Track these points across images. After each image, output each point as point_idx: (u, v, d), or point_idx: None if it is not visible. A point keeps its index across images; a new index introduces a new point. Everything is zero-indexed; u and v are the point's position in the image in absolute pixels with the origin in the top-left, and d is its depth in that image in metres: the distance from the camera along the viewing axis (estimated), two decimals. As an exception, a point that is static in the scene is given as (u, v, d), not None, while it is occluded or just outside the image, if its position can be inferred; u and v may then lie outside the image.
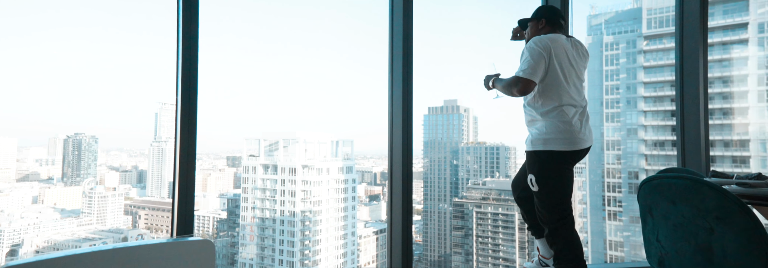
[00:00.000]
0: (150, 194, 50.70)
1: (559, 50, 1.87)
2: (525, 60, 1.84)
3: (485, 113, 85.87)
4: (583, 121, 1.91)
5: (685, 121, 2.87)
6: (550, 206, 1.91)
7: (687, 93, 2.86)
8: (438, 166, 43.77)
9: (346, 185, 31.01)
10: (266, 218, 29.70)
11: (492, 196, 34.76)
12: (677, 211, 1.35)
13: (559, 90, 1.88)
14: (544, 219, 1.93)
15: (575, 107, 1.90)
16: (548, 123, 1.88)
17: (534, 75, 1.81)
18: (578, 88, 1.95)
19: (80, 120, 72.36)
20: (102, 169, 50.78)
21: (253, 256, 29.67)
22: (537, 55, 1.82)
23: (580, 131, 1.88)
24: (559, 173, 1.89)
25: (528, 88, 1.82)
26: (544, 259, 2.19)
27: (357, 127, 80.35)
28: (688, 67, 2.86)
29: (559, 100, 1.88)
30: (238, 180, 40.01)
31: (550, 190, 1.89)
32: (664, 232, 1.43)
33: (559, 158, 1.87)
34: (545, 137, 1.87)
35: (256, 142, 31.01)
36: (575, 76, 1.93)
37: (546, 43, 1.85)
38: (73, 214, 41.52)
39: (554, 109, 1.88)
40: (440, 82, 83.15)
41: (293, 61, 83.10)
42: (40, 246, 35.64)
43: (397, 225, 2.30)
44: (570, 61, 1.91)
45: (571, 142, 1.86)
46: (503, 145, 42.37)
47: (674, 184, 1.35)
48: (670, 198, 1.37)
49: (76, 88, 75.26)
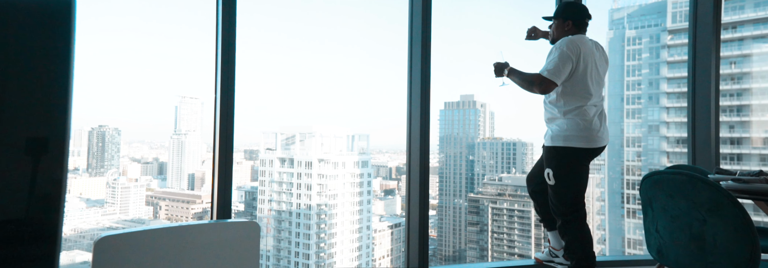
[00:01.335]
0: (170, 186, 51.83)
1: (588, 54, 1.95)
2: (552, 60, 1.91)
3: (502, 109, 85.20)
4: (601, 121, 2.00)
5: (696, 120, 2.92)
6: (564, 200, 1.99)
7: (699, 91, 2.90)
8: (454, 161, 43.75)
9: (362, 179, 31.26)
10: (283, 211, 30.16)
11: (508, 192, 34.65)
12: (674, 204, 1.47)
13: (583, 91, 1.96)
14: (557, 211, 2.03)
15: (596, 107, 1.99)
16: (569, 121, 1.96)
17: (558, 77, 1.89)
18: (599, 89, 2.04)
19: (104, 113, 74.05)
20: (124, 160, 52.06)
21: (270, 247, 30.20)
22: (566, 57, 1.89)
23: (599, 130, 1.97)
24: (576, 169, 1.98)
25: (549, 89, 1.90)
26: (555, 250, 2.29)
27: (373, 121, 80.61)
28: (701, 64, 2.90)
29: (581, 100, 1.96)
30: (255, 173, 40.63)
31: (566, 184, 1.98)
32: (662, 223, 1.54)
33: (577, 155, 1.95)
34: (566, 134, 1.96)
35: (273, 136, 31.43)
36: (598, 78, 2.02)
37: (577, 46, 1.92)
38: (98, 204, 42.76)
39: (576, 108, 1.96)
40: (457, 78, 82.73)
41: (310, 56, 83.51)
42: (67, 234, 36.84)
43: (414, 220, 2.40)
44: (596, 64, 2.00)
45: (590, 140, 1.95)
46: (520, 141, 42.10)
47: (672, 179, 1.47)
48: (668, 192, 1.48)
49: (99, 81, 76.92)
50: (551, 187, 2.02)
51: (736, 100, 23.50)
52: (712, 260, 1.39)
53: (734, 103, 23.40)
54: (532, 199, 2.31)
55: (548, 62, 1.91)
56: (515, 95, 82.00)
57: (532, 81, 1.92)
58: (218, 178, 1.90)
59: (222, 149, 1.95)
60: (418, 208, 2.38)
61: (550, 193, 2.04)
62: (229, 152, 1.96)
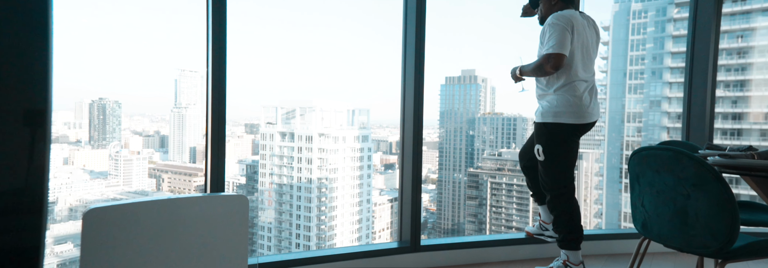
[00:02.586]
0: (172, 159, 52.24)
1: (579, 26, 1.92)
2: (551, 36, 1.88)
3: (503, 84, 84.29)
4: (592, 97, 1.99)
5: (692, 95, 2.91)
6: (553, 175, 2.01)
7: (696, 66, 2.89)
8: (454, 136, 43.82)
9: (362, 153, 31.44)
10: (284, 185, 30.51)
11: (507, 167, 34.90)
12: (660, 179, 1.49)
13: (574, 66, 1.94)
14: (547, 186, 2.05)
15: (586, 82, 1.98)
16: (559, 97, 1.96)
17: (564, 48, 1.85)
18: (590, 64, 2.02)
19: (104, 85, 73.69)
20: (126, 133, 52.27)
21: (272, 220, 30.73)
22: (561, 29, 1.86)
23: (589, 106, 1.97)
24: (565, 145, 1.99)
25: (560, 62, 1.86)
26: (545, 224, 2.32)
27: (373, 96, 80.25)
28: (700, 38, 2.88)
29: (572, 76, 1.94)
30: (256, 147, 40.82)
31: (556, 160, 2.00)
32: (648, 198, 1.57)
33: (566, 131, 1.96)
34: (556, 110, 1.96)
35: (273, 110, 31.39)
36: (589, 53, 2.00)
37: (567, 18, 1.89)
38: (101, 175, 43.25)
39: (566, 84, 1.95)
40: (458, 52, 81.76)
41: (311, 30, 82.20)
42: (73, 204, 37.48)
43: (407, 195, 2.42)
44: (586, 37, 1.97)
45: (580, 115, 1.95)
46: (520, 116, 42.01)
47: (660, 155, 1.49)
48: (655, 168, 1.51)
49: (98, 54, 76.15)
50: (541, 162, 2.04)
51: (740, 75, 23.28)
52: (693, 234, 1.42)
53: (739, 78, 23.19)
54: (524, 174, 2.34)
55: (548, 39, 1.88)
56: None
57: (541, 63, 1.90)
58: (211, 152, 1.91)
59: (214, 123, 1.96)
60: (411, 183, 2.39)
61: (540, 168, 2.06)
62: (222, 126, 1.96)
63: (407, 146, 2.37)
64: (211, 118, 1.95)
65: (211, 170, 1.94)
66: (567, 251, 2.05)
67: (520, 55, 2.17)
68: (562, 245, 2.06)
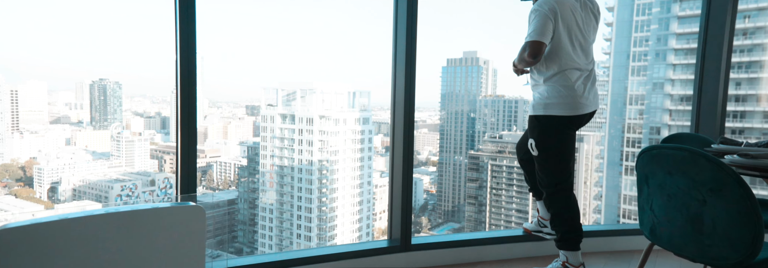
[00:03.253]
0: (173, 140, 52.26)
1: (566, 12, 1.78)
2: (531, 23, 1.77)
3: (505, 66, 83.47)
4: (588, 86, 1.85)
5: (704, 82, 2.71)
6: (548, 171, 1.89)
7: (709, 51, 2.67)
8: (455, 118, 43.61)
9: (363, 135, 31.37)
10: (285, 166, 30.55)
11: (508, 149, 34.84)
12: (673, 181, 1.35)
13: (563, 54, 1.81)
14: (542, 183, 1.93)
15: (580, 71, 1.83)
16: (550, 87, 1.83)
17: (542, 36, 1.73)
18: (585, 51, 1.86)
19: (104, 66, 73.23)
20: (127, 114, 52.19)
21: (273, 201, 30.92)
22: (543, 17, 1.74)
23: (583, 96, 1.82)
24: (559, 138, 1.85)
25: (538, 50, 1.74)
26: (543, 220, 2.23)
27: (375, 77, 79.67)
28: (714, 18, 2.65)
29: (562, 64, 1.81)
30: (257, 129, 40.75)
31: (550, 155, 1.87)
32: (657, 201, 1.43)
33: (559, 123, 1.83)
34: (546, 102, 1.84)
35: (273, 91, 31.16)
36: (582, 38, 1.85)
37: (551, 4, 1.76)
38: (104, 156, 43.41)
39: (557, 73, 1.82)
40: (459, 34, 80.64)
41: (312, 11, 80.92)
42: (76, 185, 37.73)
43: (397, 191, 2.26)
44: (578, 22, 1.82)
45: (573, 107, 1.81)
46: (522, 98, 41.65)
47: (672, 155, 1.33)
48: (667, 169, 1.36)
49: (98, 33, 75.36)
50: (535, 158, 1.91)
51: (746, 57, 22.89)
52: (709, 244, 1.28)
53: (743, 60, 22.80)
54: (522, 167, 2.21)
55: (529, 26, 1.77)
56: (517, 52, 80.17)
57: (521, 51, 1.79)
58: (181, 150, 1.76)
59: (184, 118, 1.80)
60: (402, 181, 2.23)
61: (536, 165, 1.94)
62: (192, 122, 1.81)
63: (397, 146, 2.20)
64: (181, 113, 1.79)
65: (181, 172, 1.79)
66: (566, 251, 1.93)
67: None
68: (560, 246, 1.95)
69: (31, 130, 43.10)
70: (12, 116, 41.74)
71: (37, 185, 38.22)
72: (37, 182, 38.35)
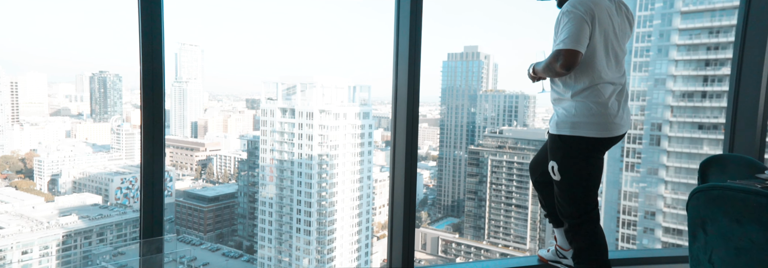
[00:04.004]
0: (174, 133, 52.32)
1: (603, 15, 1.55)
2: (564, 28, 1.52)
3: (506, 61, 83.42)
4: (621, 103, 1.62)
5: (740, 94, 2.32)
6: (572, 199, 1.65)
7: (747, 58, 2.31)
8: (455, 113, 43.58)
9: (363, 130, 31.33)
10: (285, 160, 30.57)
11: (508, 144, 34.82)
12: (743, 232, 1.11)
13: (597, 65, 1.57)
14: (564, 212, 1.70)
15: (613, 85, 1.60)
16: (579, 104, 1.58)
17: (578, 44, 1.49)
18: (619, 62, 1.64)
19: (104, 58, 73.04)
20: (127, 107, 52.16)
21: (272, 195, 30.96)
22: (578, 20, 1.50)
23: (617, 115, 1.59)
24: (587, 162, 1.62)
25: (573, 61, 1.49)
26: (562, 250, 1.98)
27: (375, 72, 79.44)
28: (753, 26, 2.31)
29: (595, 77, 1.57)
30: (257, 122, 40.70)
31: (574, 181, 1.63)
32: (720, 254, 1.19)
33: (587, 146, 1.59)
34: (574, 120, 1.59)
35: (274, 85, 31.07)
36: (618, 47, 1.62)
37: (588, 5, 1.52)
38: (104, 149, 43.44)
39: (588, 87, 1.58)
40: (460, 29, 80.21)
41: (313, 4, 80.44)
42: (76, 177, 37.77)
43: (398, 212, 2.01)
44: (615, 28, 1.59)
45: (604, 127, 1.57)
46: (523, 93, 41.61)
47: (743, 199, 1.08)
48: (736, 216, 1.12)
49: (97, 25, 75.03)
50: (556, 183, 1.67)
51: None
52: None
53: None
54: (536, 190, 1.94)
55: (561, 31, 1.52)
56: (524, 46, 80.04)
57: (551, 60, 1.53)
58: (144, 181, 1.49)
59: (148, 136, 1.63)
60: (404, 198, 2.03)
61: (556, 190, 1.69)
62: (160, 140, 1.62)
63: (399, 155, 1.98)
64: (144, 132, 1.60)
65: (144, 209, 1.50)
66: None
67: (543, 49, 1.78)
68: None
69: (31, 122, 43.05)
70: (12, 108, 41.68)
71: (38, 177, 38.27)
72: (38, 174, 38.39)
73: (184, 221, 35.79)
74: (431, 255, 35.05)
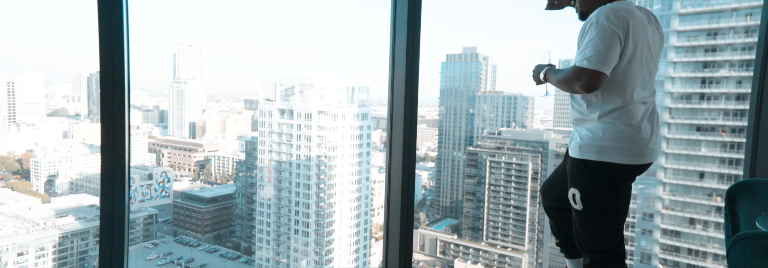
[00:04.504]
0: (172, 134, 52.20)
1: (639, 28, 1.37)
2: (590, 42, 1.34)
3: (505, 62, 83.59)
4: (654, 125, 1.46)
5: (763, 108, 2.15)
6: (595, 232, 1.48)
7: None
8: (454, 114, 43.60)
9: (362, 131, 31.31)
10: (283, 162, 30.51)
11: (507, 146, 34.82)
12: None
13: (631, 83, 1.40)
14: (585, 247, 1.53)
15: (644, 104, 1.44)
16: (607, 126, 1.41)
17: (605, 64, 1.32)
18: (652, 80, 1.49)
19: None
20: (125, 108, 51.93)
21: (271, 197, 30.89)
22: (609, 35, 1.32)
23: (650, 140, 1.42)
24: (614, 192, 1.45)
25: (596, 83, 1.33)
26: None
27: (374, 73, 79.44)
28: None
29: (627, 96, 1.40)
30: (255, 123, 40.62)
31: (600, 212, 1.46)
32: None
33: (616, 173, 1.42)
34: (602, 144, 1.41)
35: (272, 86, 31.04)
36: (652, 65, 1.48)
37: (622, 17, 1.33)
38: (100, 150, 43.27)
39: (618, 108, 1.40)
40: (458, 29, 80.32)
41: (312, 5, 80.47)
42: (73, 178, 37.60)
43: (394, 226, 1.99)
44: (649, 43, 1.44)
45: (637, 153, 1.40)
46: (521, 94, 41.65)
47: None
48: None
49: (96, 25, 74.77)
50: (577, 213, 1.49)
51: (747, 55, 22.79)
52: None
53: (745, 58, 22.71)
54: (549, 217, 1.75)
55: (586, 45, 1.34)
56: (523, 47, 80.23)
57: (570, 78, 1.37)
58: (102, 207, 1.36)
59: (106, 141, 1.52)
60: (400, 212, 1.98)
61: (576, 220, 1.51)
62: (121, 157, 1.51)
63: (395, 156, 1.93)
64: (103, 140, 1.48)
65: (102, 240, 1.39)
66: None
67: (549, 49, 1.62)
68: None
69: (28, 123, 42.89)
70: (9, 108, 41.52)
71: (34, 177, 38.10)
72: (34, 175, 38.22)
73: (181, 222, 35.67)
74: (430, 256, 35.00)
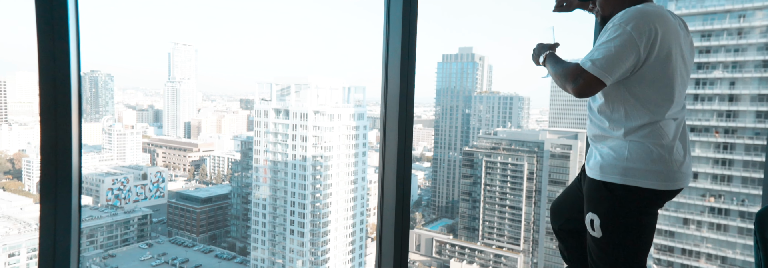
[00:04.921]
0: (167, 133, 51.95)
1: (671, 35, 1.19)
2: (604, 44, 1.18)
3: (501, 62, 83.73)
4: (686, 145, 1.27)
5: None
6: (615, 261, 1.31)
7: None
8: (450, 114, 43.64)
9: (358, 131, 31.24)
10: (278, 162, 30.40)
11: (503, 146, 34.87)
12: None
13: (662, 97, 1.22)
14: None
15: (676, 121, 1.25)
16: (634, 145, 1.23)
17: (610, 73, 1.16)
18: (684, 93, 1.30)
19: (95, 57, 72.38)
20: (119, 107, 51.73)
21: (266, 197, 30.77)
22: (627, 43, 1.15)
23: (684, 162, 1.24)
24: (639, 220, 1.27)
25: (591, 90, 1.18)
26: None
27: (370, 72, 79.45)
28: None
29: (658, 113, 1.22)
30: (250, 123, 40.48)
31: (621, 241, 1.28)
32: None
33: (643, 199, 1.24)
34: (627, 166, 1.22)
35: (268, 86, 30.91)
36: (686, 75, 1.28)
37: (650, 21, 1.16)
38: (95, 149, 42.99)
39: (647, 125, 1.22)
40: (454, 30, 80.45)
41: (308, 5, 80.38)
42: (64, 180, 37.28)
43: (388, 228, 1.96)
44: (682, 52, 1.24)
45: (668, 177, 1.22)
46: (517, 95, 41.77)
47: None
48: None
49: (89, 23, 74.38)
50: (595, 240, 1.31)
51: (740, 56, 22.88)
52: None
53: (738, 60, 22.78)
54: (559, 239, 1.59)
55: (600, 46, 1.18)
56: (519, 48, 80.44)
57: (566, 75, 1.21)
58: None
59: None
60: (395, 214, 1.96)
61: (593, 247, 1.34)
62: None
63: (389, 156, 1.83)
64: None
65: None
66: None
67: (553, 25, 1.44)
68: None
69: (19, 122, 42.51)
70: (1, 108, 41.17)
71: (26, 177, 37.77)
72: (26, 175, 37.89)
73: (176, 222, 35.46)
74: (425, 256, 34.98)
